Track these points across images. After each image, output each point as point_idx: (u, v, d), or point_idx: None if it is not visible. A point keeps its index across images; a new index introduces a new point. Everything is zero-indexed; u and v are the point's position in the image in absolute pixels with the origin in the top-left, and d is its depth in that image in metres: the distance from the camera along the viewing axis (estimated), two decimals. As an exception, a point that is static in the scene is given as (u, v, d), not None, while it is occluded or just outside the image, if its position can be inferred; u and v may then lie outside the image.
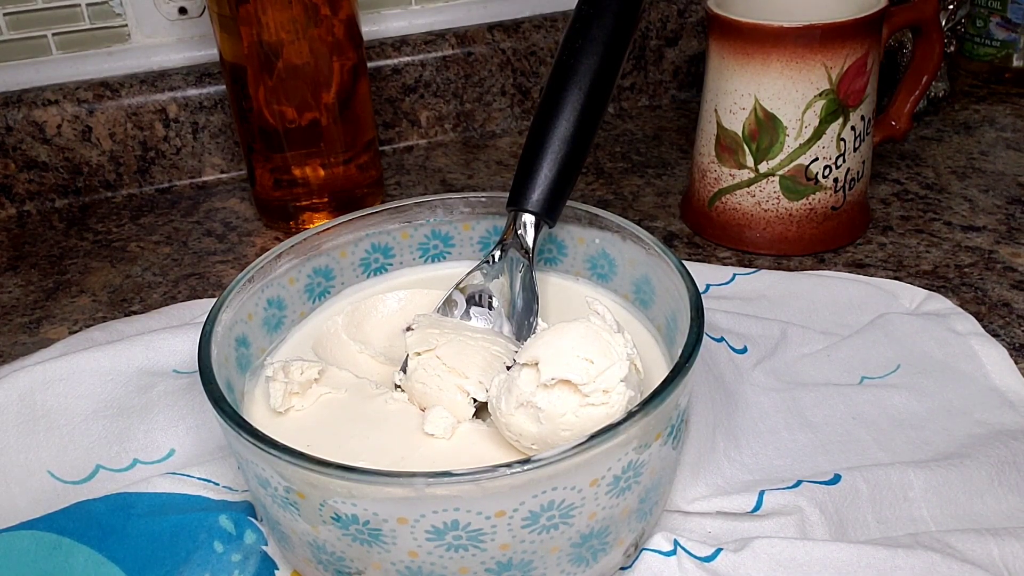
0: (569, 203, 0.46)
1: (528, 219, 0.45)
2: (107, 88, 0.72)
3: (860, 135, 0.58)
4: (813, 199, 0.59)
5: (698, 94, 0.63)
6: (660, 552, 0.39)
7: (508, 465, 0.31)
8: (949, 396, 0.47)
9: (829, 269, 0.59)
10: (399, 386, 0.42)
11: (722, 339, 0.50)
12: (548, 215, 0.45)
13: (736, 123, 0.58)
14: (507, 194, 0.46)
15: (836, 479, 0.41)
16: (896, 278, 0.56)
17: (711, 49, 0.59)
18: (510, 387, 0.36)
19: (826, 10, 0.57)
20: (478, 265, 0.46)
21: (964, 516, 0.41)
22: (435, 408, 0.39)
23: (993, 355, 0.49)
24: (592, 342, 0.36)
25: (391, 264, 0.50)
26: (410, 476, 0.31)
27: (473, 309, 0.45)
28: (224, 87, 0.70)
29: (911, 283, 0.56)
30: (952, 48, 0.78)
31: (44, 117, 0.70)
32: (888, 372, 0.49)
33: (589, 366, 0.35)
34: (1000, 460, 0.42)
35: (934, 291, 0.55)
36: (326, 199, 0.66)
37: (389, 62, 0.76)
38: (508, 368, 0.38)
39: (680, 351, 0.36)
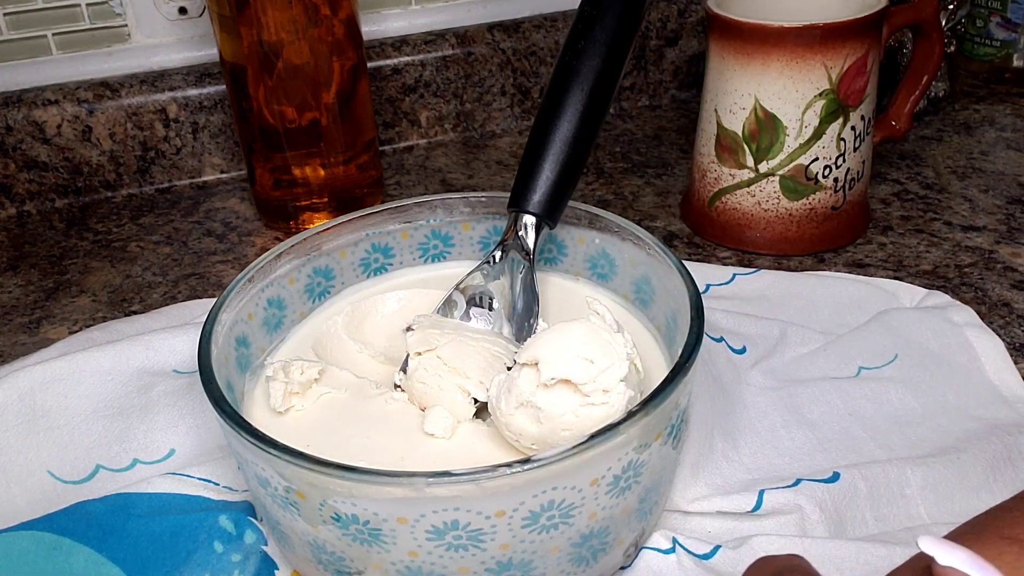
0: (569, 203, 0.46)
1: (529, 220, 0.45)
2: (107, 88, 0.72)
3: (860, 135, 0.58)
4: (813, 199, 0.59)
5: (698, 94, 0.63)
6: (659, 550, 0.39)
7: (508, 465, 0.31)
8: (945, 391, 0.47)
9: (829, 269, 0.59)
10: (399, 386, 0.42)
11: (721, 339, 0.50)
12: (549, 216, 0.45)
13: (736, 123, 0.58)
14: (507, 194, 0.46)
15: (835, 477, 0.41)
16: (896, 278, 0.56)
17: (711, 49, 0.59)
18: (510, 387, 0.36)
19: (826, 10, 0.57)
20: (478, 266, 0.46)
21: (960, 512, 0.41)
22: (435, 408, 0.39)
23: (989, 348, 0.49)
24: (592, 342, 0.36)
25: (391, 264, 0.50)
26: (410, 476, 0.31)
27: (473, 310, 0.45)
28: (224, 87, 0.70)
29: (911, 283, 0.56)
30: (952, 48, 0.78)
31: (44, 117, 0.71)
32: (886, 362, 0.49)
33: (589, 366, 0.35)
34: (995, 456, 0.42)
35: (934, 291, 0.55)
36: (326, 199, 0.66)
37: (389, 62, 0.76)
38: (508, 369, 0.38)
39: (680, 351, 0.36)
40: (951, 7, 0.76)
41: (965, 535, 0.27)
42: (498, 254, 0.45)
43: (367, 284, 0.49)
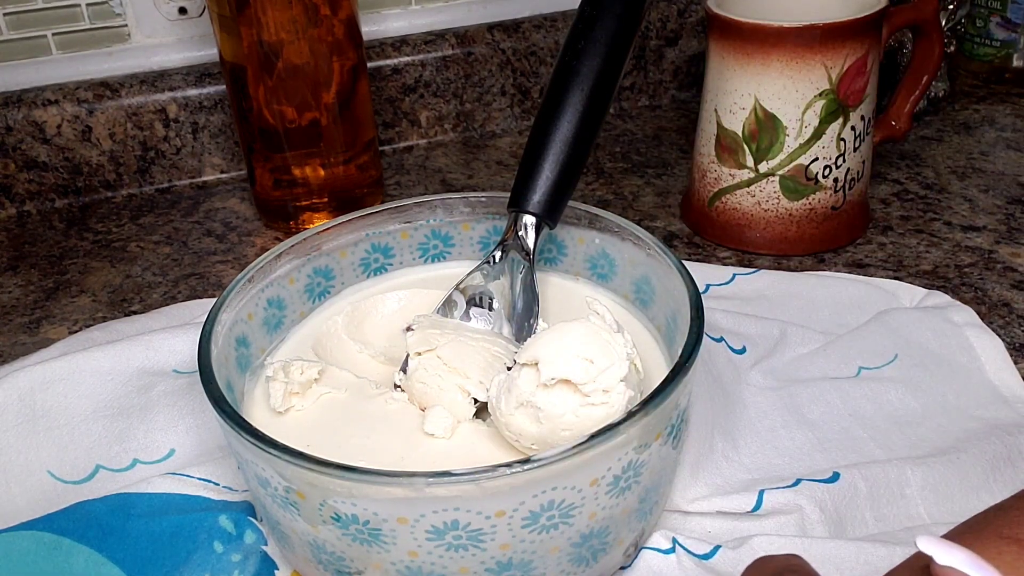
0: (569, 203, 0.46)
1: (529, 220, 0.45)
2: (107, 88, 0.72)
3: (860, 135, 0.58)
4: (813, 199, 0.59)
5: (698, 94, 0.64)
6: (659, 550, 0.39)
7: (508, 465, 0.31)
8: (945, 391, 0.47)
9: (829, 269, 0.59)
10: (399, 386, 0.42)
11: (721, 339, 0.50)
12: (549, 217, 0.45)
13: (736, 123, 0.58)
14: (507, 194, 0.46)
15: (835, 477, 0.41)
16: (896, 278, 0.56)
17: (711, 49, 0.59)
18: (510, 387, 0.36)
19: (826, 10, 0.57)
20: (478, 266, 0.46)
21: (960, 512, 0.41)
22: (435, 408, 0.39)
23: (988, 348, 0.49)
24: (592, 342, 0.36)
25: (391, 264, 0.50)
26: (410, 476, 0.31)
27: (473, 310, 0.45)
28: (224, 87, 0.70)
29: (911, 283, 0.56)
30: (952, 48, 0.78)
31: (44, 117, 0.71)
32: (886, 362, 0.49)
33: (589, 366, 0.35)
34: (995, 455, 0.42)
35: (934, 291, 0.55)
36: (326, 199, 0.66)
37: (389, 62, 0.76)
38: (508, 369, 0.38)
39: (680, 351, 0.36)
40: (951, 7, 0.76)
41: (964, 534, 0.27)
42: (498, 254, 0.45)
43: (367, 284, 0.49)
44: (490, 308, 0.45)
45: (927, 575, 0.24)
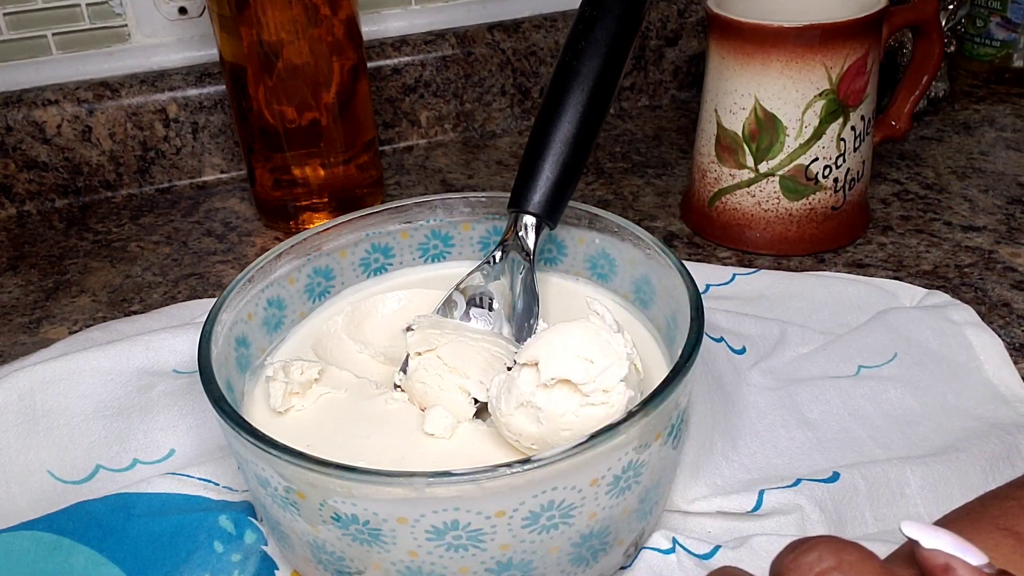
0: (569, 203, 0.46)
1: (529, 221, 0.45)
2: (107, 88, 0.72)
3: (860, 135, 0.58)
4: (813, 199, 0.59)
5: (698, 94, 0.64)
6: (659, 550, 0.39)
7: (508, 465, 0.31)
8: (944, 390, 0.47)
9: (829, 269, 0.59)
10: (399, 386, 0.42)
11: (721, 339, 0.50)
12: (549, 217, 0.45)
13: (736, 123, 0.58)
14: (507, 194, 0.46)
15: (835, 477, 0.41)
16: (896, 278, 0.56)
17: (711, 49, 0.59)
18: (510, 387, 0.36)
19: (826, 10, 0.57)
20: (479, 266, 0.46)
21: (959, 511, 0.41)
22: (435, 408, 0.39)
23: (988, 347, 0.49)
24: (592, 342, 0.36)
25: (391, 264, 0.50)
26: (410, 476, 0.31)
27: (473, 310, 0.45)
28: (224, 87, 0.70)
29: (911, 283, 0.56)
30: (952, 48, 0.78)
31: (44, 117, 0.71)
32: (885, 361, 0.49)
33: (589, 366, 0.35)
34: (994, 454, 0.42)
35: (934, 291, 0.55)
36: (326, 199, 0.66)
37: (389, 62, 0.76)
38: (508, 369, 0.38)
39: (680, 351, 0.36)
40: (951, 7, 0.76)
41: (960, 521, 0.27)
42: (498, 254, 0.45)
43: (367, 284, 0.49)
44: (490, 308, 0.45)
45: (912, 561, 0.24)
